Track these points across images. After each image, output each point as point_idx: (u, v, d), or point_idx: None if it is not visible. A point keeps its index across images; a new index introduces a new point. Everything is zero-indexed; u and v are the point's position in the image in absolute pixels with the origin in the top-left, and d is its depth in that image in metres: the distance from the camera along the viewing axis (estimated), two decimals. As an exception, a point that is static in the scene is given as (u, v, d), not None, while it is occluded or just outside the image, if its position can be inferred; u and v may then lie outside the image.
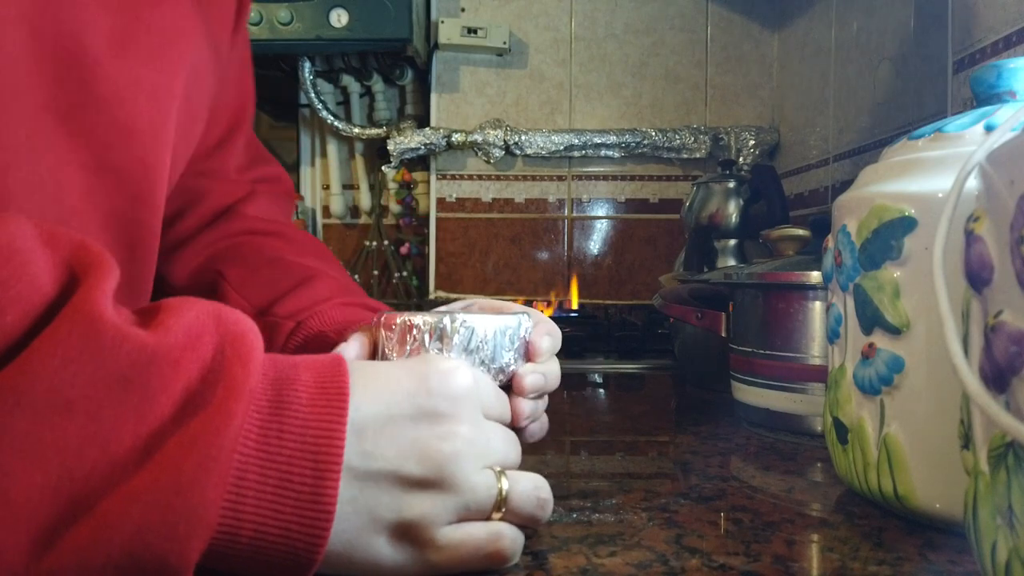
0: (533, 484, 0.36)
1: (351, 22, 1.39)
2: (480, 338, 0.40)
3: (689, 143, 1.57)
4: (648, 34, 1.60)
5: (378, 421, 0.33)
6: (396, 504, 0.32)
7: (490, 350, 0.41)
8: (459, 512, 0.34)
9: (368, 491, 0.32)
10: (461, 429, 0.34)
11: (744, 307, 0.71)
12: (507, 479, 0.35)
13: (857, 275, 0.45)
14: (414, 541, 0.33)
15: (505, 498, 0.35)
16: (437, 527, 0.33)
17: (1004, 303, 0.27)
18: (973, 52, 0.76)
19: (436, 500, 0.33)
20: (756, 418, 0.68)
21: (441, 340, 0.40)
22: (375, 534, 0.32)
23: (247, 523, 0.29)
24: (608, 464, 0.58)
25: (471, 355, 0.40)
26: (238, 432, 0.29)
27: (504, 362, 0.41)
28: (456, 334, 0.40)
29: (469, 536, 0.34)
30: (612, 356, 1.17)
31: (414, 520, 0.32)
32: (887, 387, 0.43)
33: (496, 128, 1.57)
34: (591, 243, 1.63)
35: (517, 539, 0.35)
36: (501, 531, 0.35)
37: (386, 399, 0.33)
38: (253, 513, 0.29)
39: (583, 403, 0.88)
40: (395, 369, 0.35)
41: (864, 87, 1.17)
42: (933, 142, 0.45)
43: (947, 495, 0.40)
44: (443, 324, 0.40)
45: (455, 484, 0.33)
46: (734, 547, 0.39)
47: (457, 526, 0.34)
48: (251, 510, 0.29)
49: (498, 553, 0.34)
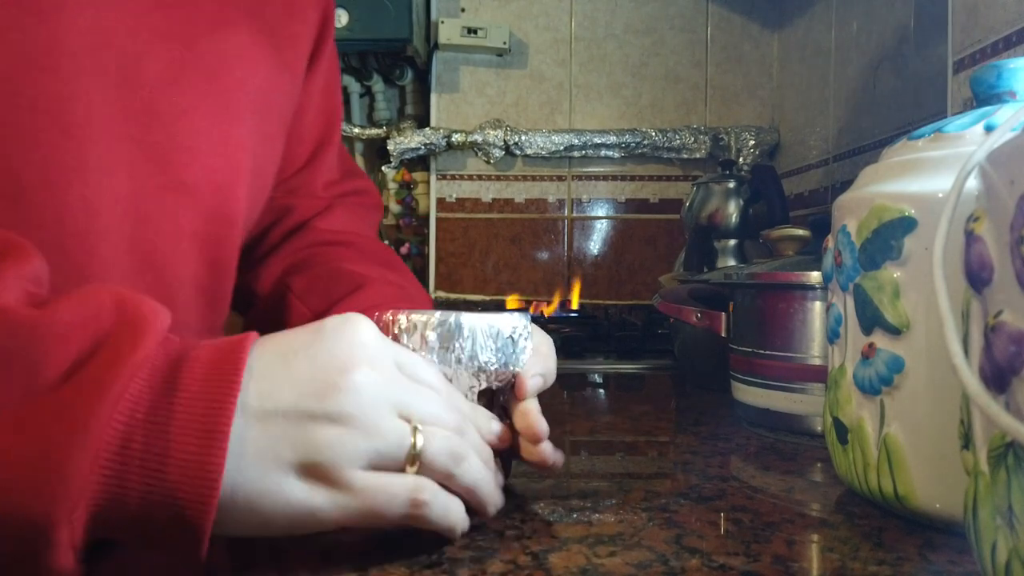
0: (450, 440, 0.36)
1: (351, 22, 1.39)
2: (459, 335, 0.40)
3: (689, 143, 1.57)
4: (648, 34, 1.60)
5: (276, 363, 0.33)
6: (297, 440, 0.32)
7: (469, 347, 0.40)
8: (369, 455, 0.33)
9: (268, 430, 0.32)
10: (360, 366, 0.34)
11: (744, 307, 0.71)
12: (422, 435, 0.35)
13: (857, 275, 0.45)
14: (325, 481, 0.32)
15: (419, 453, 0.34)
16: (347, 467, 0.33)
17: (1004, 303, 0.27)
18: (973, 52, 0.76)
19: (339, 436, 0.32)
20: (756, 418, 0.68)
21: (420, 336, 0.40)
22: (283, 474, 0.32)
23: (132, 490, 0.29)
24: (608, 464, 0.58)
25: (448, 352, 0.40)
26: (116, 401, 0.29)
27: (483, 360, 0.41)
28: (432, 330, 0.40)
29: (386, 482, 0.33)
30: (612, 356, 1.17)
31: (320, 458, 0.32)
32: (887, 387, 0.43)
33: (496, 128, 1.57)
34: (591, 243, 1.63)
35: (439, 496, 0.35)
36: (421, 484, 0.34)
37: (284, 346, 0.34)
38: (138, 480, 0.29)
39: (583, 403, 0.88)
40: (301, 327, 0.36)
41: (864, 87, 1.17)
42: (933, 142, 0.45)
43: (947, 495, 0.40)
44: (421, 319, 0.40)
45: (357, 422, 0.33)
46: (734, 547, 0.39)
47: (373, 472, 0.33)
48: (136, 477, 0.29)
49: (419, 504, 0.34)
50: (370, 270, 0.61)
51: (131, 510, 0.29)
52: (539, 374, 0.43)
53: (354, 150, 1.70)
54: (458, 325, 0.40)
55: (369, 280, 0.59)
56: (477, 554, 0.37)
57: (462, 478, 0.36)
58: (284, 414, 0.32)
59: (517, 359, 0.42)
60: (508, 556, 0.37)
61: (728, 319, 0.74)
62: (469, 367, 0.41)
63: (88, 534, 0.29)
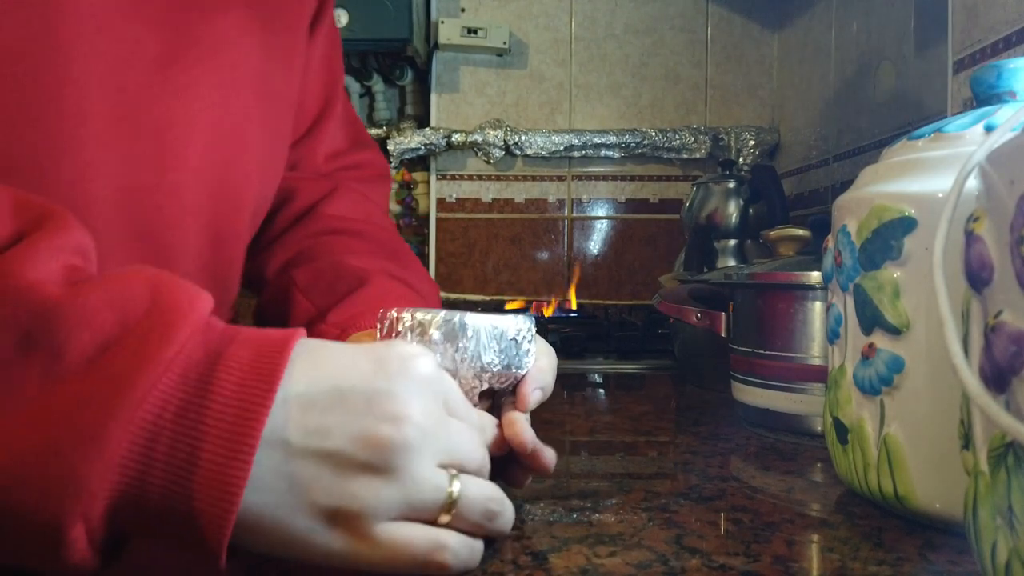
0: (486, 494, 0.35)
1: (351, 22, 1.39)
2: (463, 335, 0.40)
3: (689, 143, 1.57)
4: (648, 34, 1.60)
5: (328, 398, 0.32)
6: (334, 487, 0.31)
7: (472, 348, 0.40)
8: (402, 508, 0.32)
9: (307, 470, 0.31)
10: (416, 418, 0.32)
11: (744, 307, 0.71)
12: (460, 482, 0.33)
13: (857, 275, 0.45)
14: (349, 530, 0.32)
15: (455, 501, 0.33)
16: (375, 520, 0.32)
17: (1004, 303, 0.27)
18: (973, 52, 0.76)
19: (378, 489, 0.31)
20: (756, 418, 0.68)
21: (423, 334, 0.40)
22: (309, 516, 0.31)
23: (153, 493, 0.28)
24: (608, 464, 0.58)
25: (450, 351, 0.40)
26: (141, 400, 0.28)
27: (487, 361, 0.41)
28: (437, 329, 0.40)
29: (408, 539, 0.32)
30: (612, 356, 1.17)
31: (351, 508, 0.31)
32: (887, 387, 0.43)
33: (496, 128, 1.57)
34: (591, 243, 1.63)
35: (461, 552, 0.33)
36: (444, 542, 0.33)
37: (339, 376, 0.32)
38: (160, 483, 0.28)
39: (583, 403, 0.88)
40: (356, 349, 0.34)
41: (864, 87, 1.17)
42: (933, 142, 0.45)
43: (947, 495, 0.40)
44: (426, 318, 0.40)
45: (400, 476, 0.32)
46: (734, 547, 0.39)
47: (398, 524, 0.32)
48: (158, 481, 0.28)
49: (437, 565, 0.33)
50: (374, 263, 0.60)
51: (151, 511, 0.29)
52: (539, 388, 0.43)
53: (354, 150, 1.70)
54: (462, 325, 0.40)
55: (372, 275, 0.58)
56: (477, 554, 0.37)
57: (492, 531, 0.36)
58: (329, 456, 0.31)
59: (520, 361, 0.42)
60: (508, 556, 0.37)
61: (728, 319, 0.74)
62: (472, 368, 0.41)
63: (108, 528, 0.29)
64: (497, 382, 0.42)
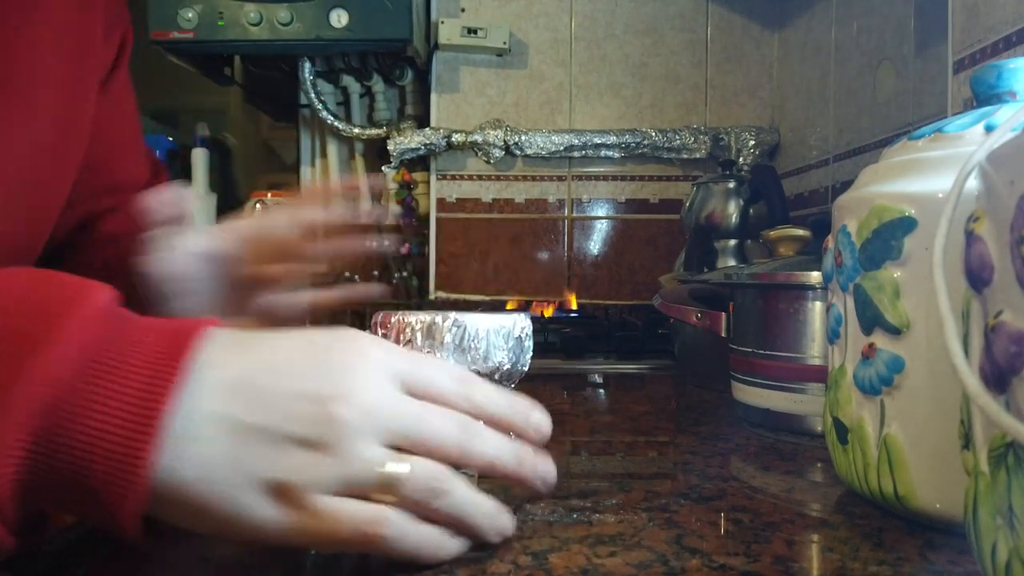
0: (430, 472, 0.34)
1: (351, 22, 1.39)
2: (472, 336, 0.40)
3: (689, 143, 1.57)
4: (648, 34, 1.60)
5: (267, 376, 0.33)
6: (273, 459, 0.32)
7: (483, 349, 0.41)
8: (339, 483, 0.32)
9: (248, 442, 0.32)
10: (356, 396, 0.33)
11: (744, 307, 0.71)
12: (406, 463, 0.33)
13: (857, 275, 0.45)
14: (289, 502, 0.32)
15: (395, 480, 0.33)
16: (313, 491, 0.32)
17: (1004, 303, 0.27)
18: (973, 52, 0.76)
19: (316, 464, 0.32)
20: (756, 418, 0.68)
21: (433, 337, 0.40)
22: (250, 489, 0.32)
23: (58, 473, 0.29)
24: (608, 464, 0.58)
25: (463, 353, 0.40)
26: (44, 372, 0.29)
27: (498, 361, 0.41)
28: (447, 332, 0.40)
29: (349, 511, 0.32)
30: (612, 356, 1.17)
31: (289, 479, 0.32)
32: (887, 387, 0.43)
33: (496, 128, 1.57)
34: (591, 243, 1.63)
35: (405, 529, 0.33)
36: (384, 516, 0.33)
37: (277, 354, 0.34)
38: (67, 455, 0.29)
39: (583, 403, 0.88)
40: (294, 333, 0.35)
41: (864, 87, 1.17)
42: (933, 142, 0.45)
43: (947, 495, 0.40)
44: (435, 322, 0.40)
45: (336, 451, 0.32)
46: (734, 547, 0.39)
47: (340, 499, 0.33)
48: (64, 454, 0.29)
49: (375, 537, 0.33)
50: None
51: (58, 485, 0.30)
52: None
53: (354, 150, 1.70)
54: (472, 327, 0.41)
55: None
56: (477, 554, 0.37)
57: (443, 510, 0.35)
58: (266, 431, 0.32)
59: (524, 359, 0.43)
60: (508, 556, 0.37)
61: (728, 319, 0.74)
62: (483, 368, 0.41)
63: (20, 510, 0.29)
64: (507, 381, 0.43)
